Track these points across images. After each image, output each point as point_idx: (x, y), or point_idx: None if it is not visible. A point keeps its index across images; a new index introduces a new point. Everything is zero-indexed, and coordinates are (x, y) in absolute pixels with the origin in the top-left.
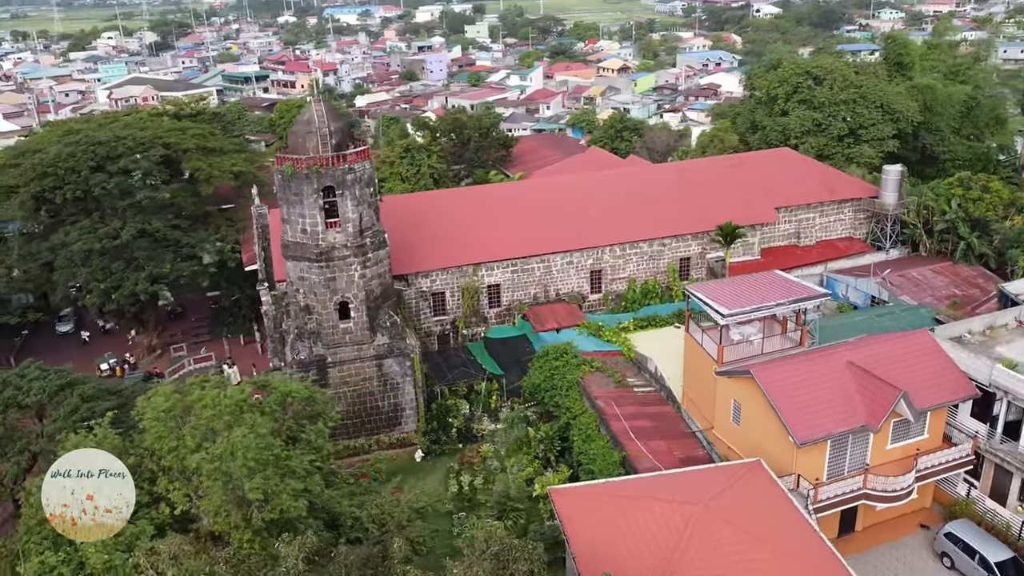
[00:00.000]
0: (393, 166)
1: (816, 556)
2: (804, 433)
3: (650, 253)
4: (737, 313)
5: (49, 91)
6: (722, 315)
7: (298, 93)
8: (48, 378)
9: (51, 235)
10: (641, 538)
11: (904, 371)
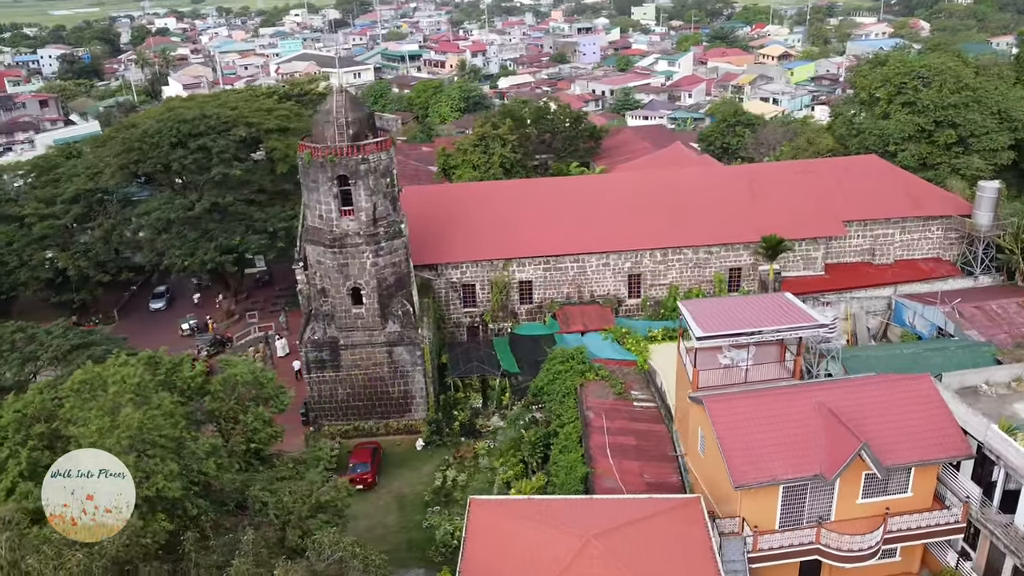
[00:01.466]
0: (466, 154)
1: None
2: (743, 475)
3: (695, 260)
4: (711, 336)
5: (231, 64)
6: (696, 336)
7: (446, 73)
8: (67, 338)
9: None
10: (529, 563)
11: (885, 420)
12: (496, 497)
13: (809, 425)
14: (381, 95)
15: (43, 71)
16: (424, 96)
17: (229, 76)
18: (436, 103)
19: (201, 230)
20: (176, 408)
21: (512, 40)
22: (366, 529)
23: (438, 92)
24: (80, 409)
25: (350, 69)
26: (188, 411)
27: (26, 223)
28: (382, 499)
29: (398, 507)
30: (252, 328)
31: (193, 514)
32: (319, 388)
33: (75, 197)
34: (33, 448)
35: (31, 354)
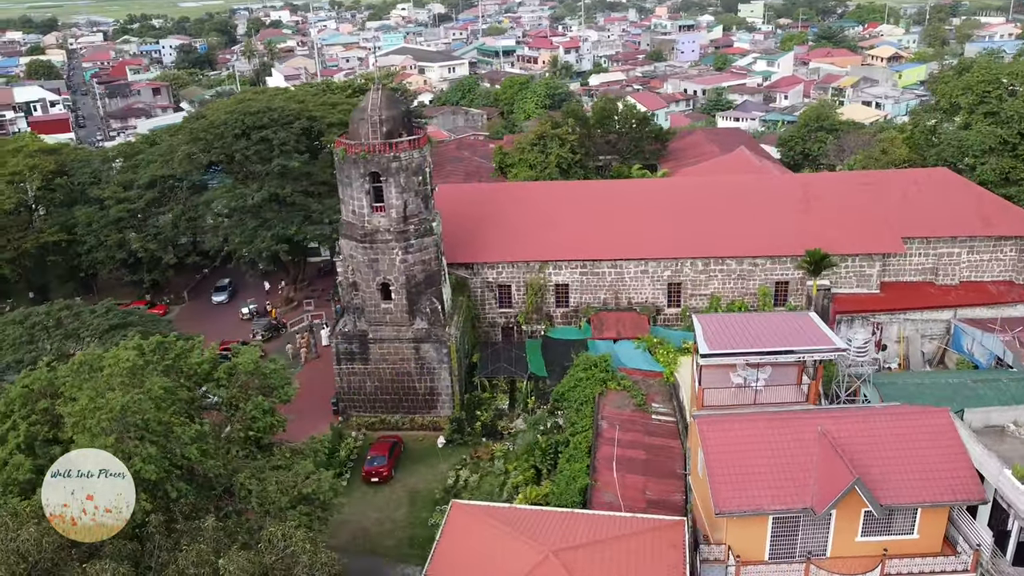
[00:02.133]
0: (523, 152)
1: None
2: (726, 502)
3: (739, 272)
4: (716, 354)
5: (334, 57)
6: (701, 353)
7: (538, 69)
8: (107, 317)
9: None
10: (489, 573)
11: (891, 454)
12: (479, 503)
13: (807, 454)
14: (469, 90)
15: (163, 60)
16: (510, 92)
17: (331, 68)
18: (522, 99)
19: (260, 219)
20: (168, 393)
21: (610, 37)
22: (375, 522)
23: (524, 88)
24: (77, 388)
25: (445, 64)
26: (192, 396)
27: (105, 205)
28: (396, 493)
29: (409, 503)
30: (305, 316)
31: (173, 496)
32: (348, 380)
33: (151, 182)
34: (33, 423)
35: (73, 331)
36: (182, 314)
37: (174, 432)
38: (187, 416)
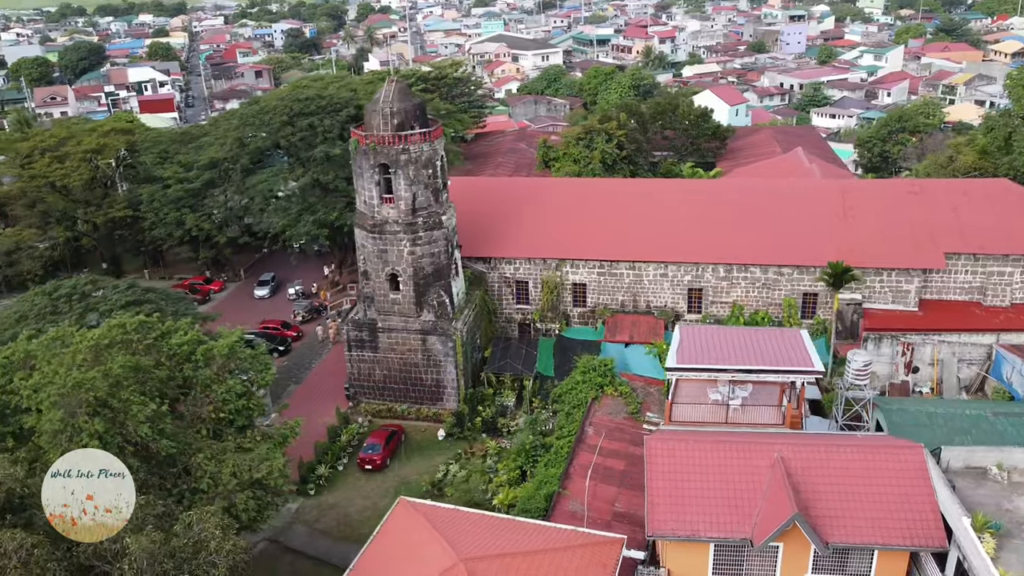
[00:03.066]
0: (569, 147)
1: None
2: (660, 524)
3: (763, 281)
4: (680, 368)
5: (434, 43)
6: (666, 367)
7: (631, 59)
8: (126, 293)
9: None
10: (406, 573)
11: (850, 489)
12: (425, 501)
13: (757, 482)
14: (555, 79)
15: (275, 44)
16: (594, 82)
17: (429, 55)
18: (605, 90)
19: (305, 203)
20: (131, 371)
21: (713, 27)
22: (360, 509)
23: (609, 78)
24: (46, 363)
25: (539, 52)
26: (171, 375)
27: (167, 184)
28: (387, 482)
29: (396, 493)
30: (346, 300)
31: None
32: (358, 366)
33: (210, 164)
34: (9, 392)
35: (94, 305)
36: (235, 291)
37: (131, 411)
38: (160, 395)
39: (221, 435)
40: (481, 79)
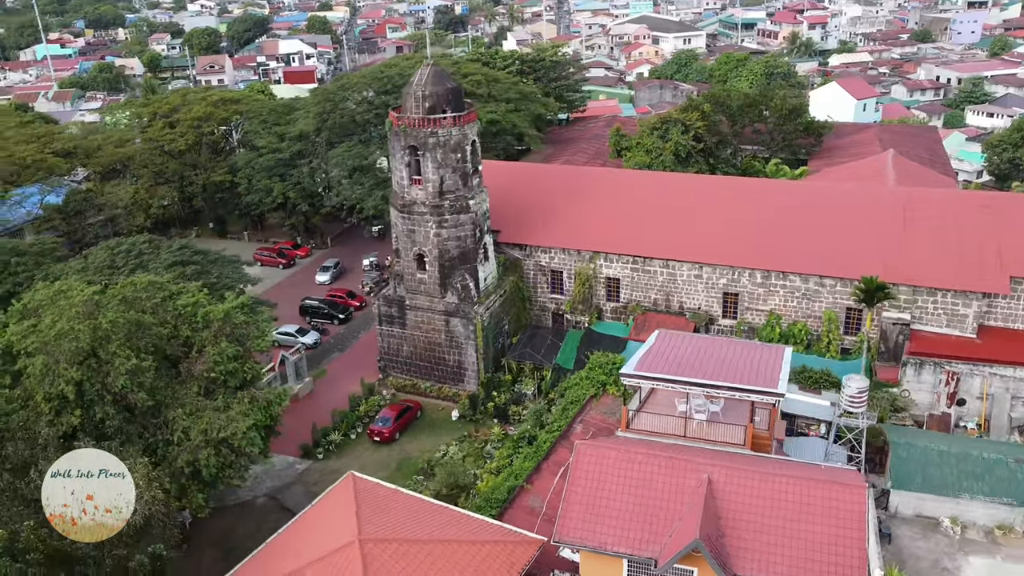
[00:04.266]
0: (642, 136)
1: None
2: (568, 531)
3: (803, 290)
4: (632, 375)
5: (578, 23)
6: (620, 372)
7: (776, 45)
8: (174, 253)
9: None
10: (313, 545)
11: (775, 521)
12: (374, 480)
13: (680, 501)
14: (685, 64)
15: (426, 20)
16: (725, 68)
17: (574, 35)
18: (736, 77)
19: (376, 179)
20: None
21: (877, 13)
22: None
23: (741, 65)
24: (48, 312)
25: (681, 34)
26: (170, 334)
27: (261, 153)
28: (391, 456)
29: (396, 466)
30: None
31: (99, 417)
32: (388, 341)
33: (300, 136)
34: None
35: (146, 262)
36: (320, 258)
37: (114, 363)
38: (156, 351)
39: (213, 394)
40: (581, 62)
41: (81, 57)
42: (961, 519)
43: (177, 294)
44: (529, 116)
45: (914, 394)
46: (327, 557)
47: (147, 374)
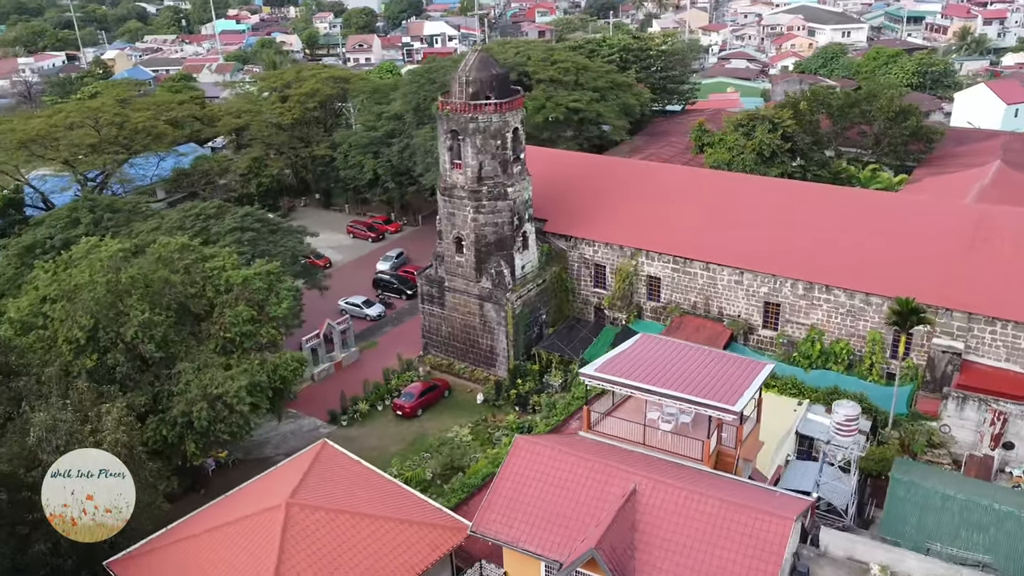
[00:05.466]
0: (727, 132)
1: None
2: (486, 523)
3: (848, 307)
4: (592, 376)
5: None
6: (579, 371)
7: (943, 40)
8: (235, 219)
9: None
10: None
11: (691, 543)
12: (345, 451)
13: (602, 507)
14: (832, 58)
15: (581, 4)
16: (872, 64)
17: (727, 23)
18: (885, 74)
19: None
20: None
21: None
22: (367, 448)
23: (892, 61)
24: (81, 265)
25: (839, 27)
26: (196, 293)
27: (357, 131)
28: (409, 430)
29: (411, 442)
30: None
31: (111, 364)
32: (429, 320)
33: (395, 115)
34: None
35: (208, 227)
36: (412, 235)
37: (129, 314)
38: (180, 308)
39: (232, 354)
40: (700, 54)
41: (251, 33)
42: (893, 569)
43: (209, 257)
44: (617, 106)
45: (955, 431)
46: (255, 515)
47: (158, 328)
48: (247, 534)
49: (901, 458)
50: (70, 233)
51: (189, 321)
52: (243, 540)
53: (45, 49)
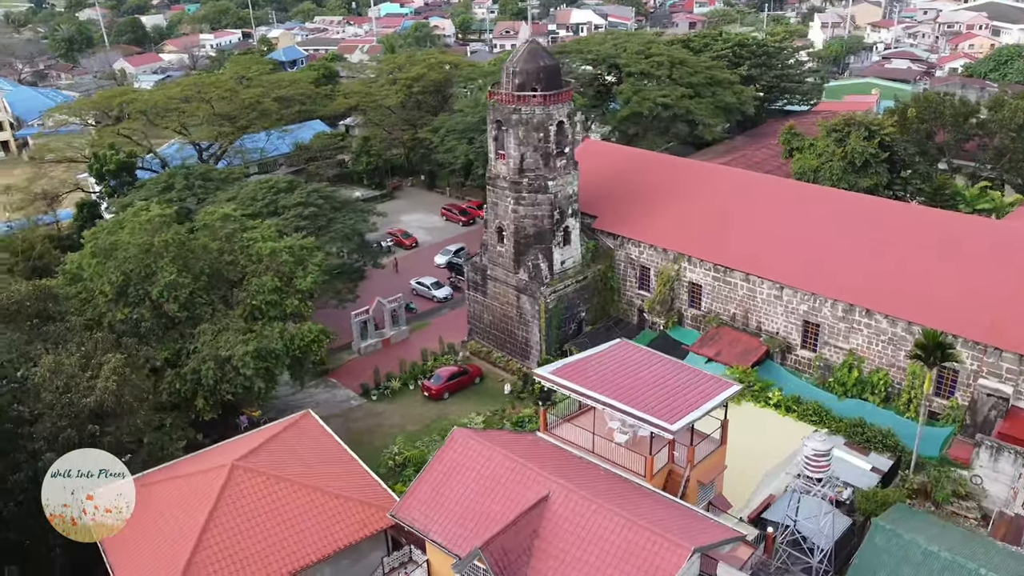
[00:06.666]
0: (818, 138)
1: None
2: (405, 508)
3: (890, 334)
4: (543, 376)
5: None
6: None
7: None
8: (304, 195)
9: None
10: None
11: (581, 556)
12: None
13: (513, 508)
14: (1006, 61)
15: None
16: None
17: (905, 20)
18: None
19: None
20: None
21: None
22: (391, 424)
23: None
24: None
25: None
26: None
27: (455, 117)
28: (431, 412)
29: (428, 424)
30: None
31: (135, 318)
32: (473, 306)
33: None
34: None
35: (276, 200)
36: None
37: (157, 275)
38: (212, 272)
39: (257, 320)
40: (857, 52)
41: (414, 16)
42: None
43: (249, 228)
44: (711, 104)
45: (987, 483)
46: (203, 472)
47: (183, 289)
48: (191, 489)
49: (902, 503)
50: (163, 197)
51: (224, 286)
52: (187, 494)
53: (227, 27)
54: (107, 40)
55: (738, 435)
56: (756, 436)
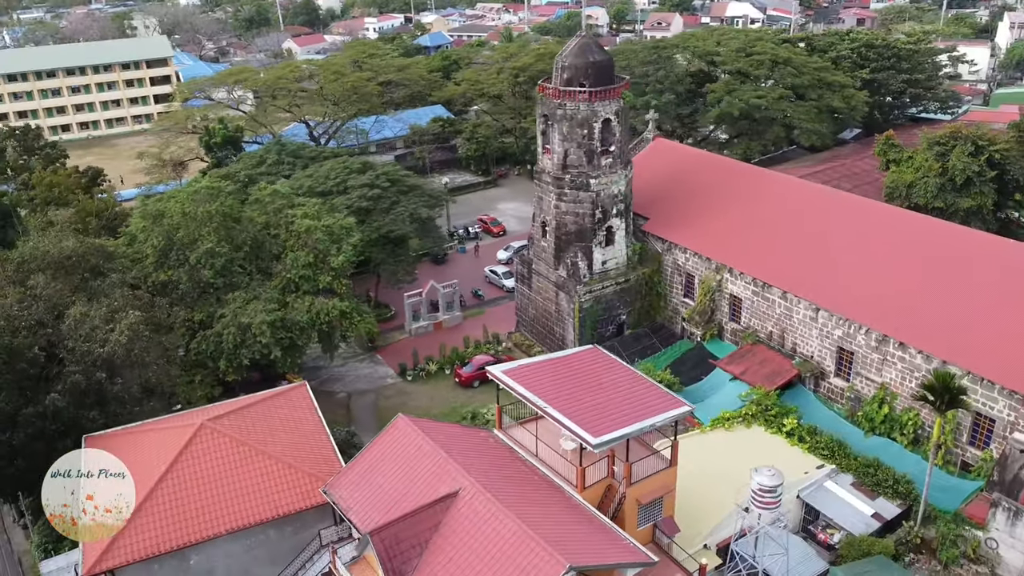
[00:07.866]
0: (919, 151)
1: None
2: (331, 484)
3: (924, 371)
4: (494, 375)
5: None
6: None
7: None
8: (371, 177)
9: None
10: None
11: (467, 560)
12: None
13: (423, 500)
14: None
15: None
16: None
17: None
18: None
19: None
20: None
21: None
22: (416, 405)
23: None
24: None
25: None
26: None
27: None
28: (458, 398)
29: (452, 409)
30: None
31: (173, 279)
32: (520, 299)
33: None
34: None
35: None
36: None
37: (197, 243)
38: (254, 243)
39: (291, 292)
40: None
41: (575, 5)
42: None
43: (296, 204)
44: (815, 108)
45: (1003, 549)
46: (177, 427)
47: (219, 258)
48: (162, 441)
49: (883, 557)
50: (255, 171)
51: (267, 258)
52: (158, 444)
53: (393, 11)
54: (282, 21)
55: (733, 459)
56: (753, 462)
